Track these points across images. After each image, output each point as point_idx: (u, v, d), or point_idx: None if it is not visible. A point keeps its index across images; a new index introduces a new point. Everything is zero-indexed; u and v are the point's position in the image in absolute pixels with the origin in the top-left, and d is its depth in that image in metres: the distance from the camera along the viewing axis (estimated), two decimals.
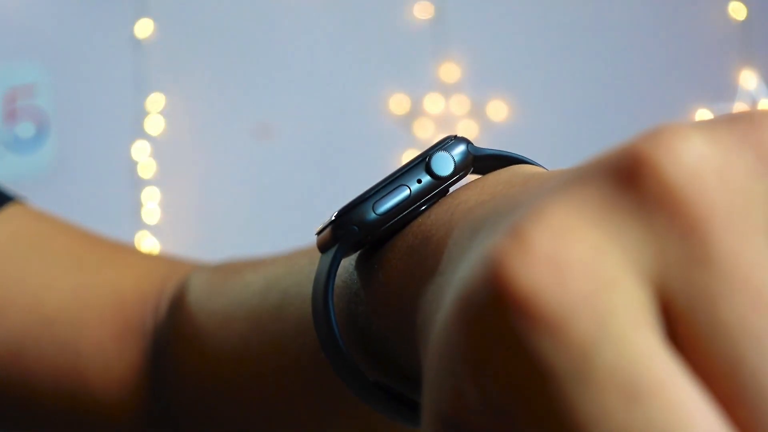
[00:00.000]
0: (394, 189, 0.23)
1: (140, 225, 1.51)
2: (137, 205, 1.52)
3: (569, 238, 0.14)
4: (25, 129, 1.51)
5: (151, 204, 1.52)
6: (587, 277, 0.14)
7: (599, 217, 0.14)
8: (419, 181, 0.23)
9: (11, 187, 0.43)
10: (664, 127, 0.15)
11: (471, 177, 0.24)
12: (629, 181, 0.14)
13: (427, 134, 1.58)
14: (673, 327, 0.14)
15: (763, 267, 0.13)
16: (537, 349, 0.14)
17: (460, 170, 0.24)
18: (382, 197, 0.23)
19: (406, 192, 0.23)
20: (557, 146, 1.58)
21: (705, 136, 0.14)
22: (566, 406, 0.13)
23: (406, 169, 0.24)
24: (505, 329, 0.14)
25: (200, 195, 1.54)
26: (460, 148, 0.24)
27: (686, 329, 0.14)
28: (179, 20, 1.56)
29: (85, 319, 0.37)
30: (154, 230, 1.52)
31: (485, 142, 1.46)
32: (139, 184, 1.53)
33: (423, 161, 0.24)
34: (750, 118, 0.15)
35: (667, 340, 0.14)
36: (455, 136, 0.24)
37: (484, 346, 0.15)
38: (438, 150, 0.24)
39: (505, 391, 0.14)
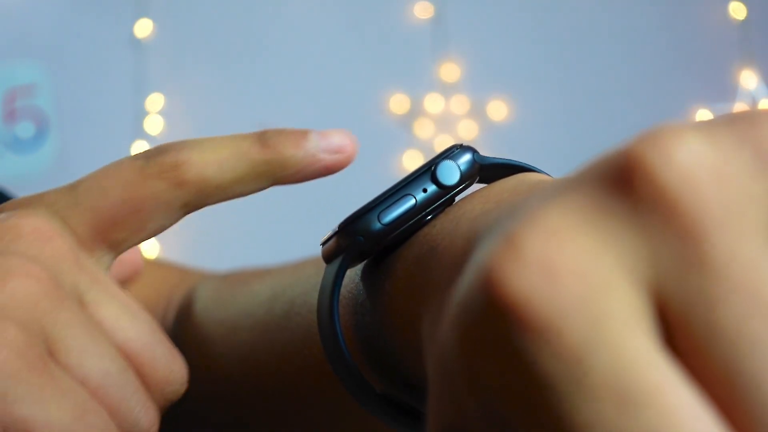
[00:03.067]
0: (400, 198, 0.23)
1: None
2: None
3: (562, 243, 0.14)
4: (25, 129, 1.51)
5: None
6: (580, 282, 0.14)
7: (592, 221, 0.14)
8: (425, 191, 0.23)
9: (11, 188, 0.42)
10: (659, 129, 0.14)
11: (476, 186, 0.24)
12: (623, 184, 0.14)
13: (427, 134, 1.58)
14: (670, 331, 0.14)
15: (761, 268, 0.13)
16: (530, 354, 0.13)
17: (466, 179, 0.24)
18: (387, 207, 0.23)
19: (412, 201, 0.23)
20: (557, 146, 1.57)
21: (701, 137, 0.14)
22: (561, 412, 0.13)
23: (411, 178, 0.24)
24: (498, 335, 0.14)
25: None
26: (466, 157, 0.24)
27: (683, 333, 0.13)
28: (179, 20, 1.56)
29: None
30: None
31: (485, 142, 1.46)
32: None
33: (429, 170, 0.23)
34: (749, 117, 0.14)
35: (664, 345, 0.14)
36: (461, 145, 0.24)
37: (479, 354, 0.14)
38: (444, 159, 0.24)
39: (501, 398, 0.14)
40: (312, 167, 0.27)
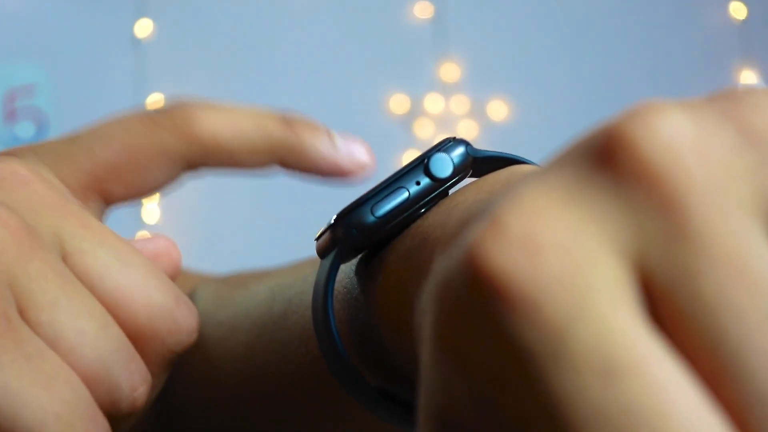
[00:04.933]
0: (393, 191, 0.23)
1: (140, 225, 1.51)
2: (137, 205, 1.52)
3: (544, 218, 0.14)
4: (25, 129, 1.51)
5: (151, 204, 1.52)
6: (562, 256, 0.13)
7: (575, 196, 0.14)
8: (418, 183, 0.23)
9: None
10: (642, 105, 0.14)
11: (470, 179, 0.24)
12: (605, 158, 0.14)
13: (427, 134, 1.58)
14: (654, 304, 0.13)
15: (744, 241, 0.13)
16: (512, 330, 0.13)
17: (459, 172, 0.24)
18: (380, 200, 0.23)
19: (405, 194, 0.23)
20: (557, 146, 1.57)
21: (684, 112, 0.14)
22: (543, 387, 0.13)
23: (404, 171, 0.23)
24: (481, 312, 0.14)
25: (200, 194, 1.54)
26: (459, 150, 0.24)
27: (667, 306, 0.13)
28: (179, 20, 1.56)
29: None
30: (154, 230, 1.52)
31: (485, 142, 1.46)
32: None
33: (422, 163, 0.23)
34: (731, 95, 0.14)
35: (649, 318, 0.13)
36: (454, 138, 0.24)
37: (463, 332, 0.14)
38: (437, 152, 0.24)
39: (486, 377, 0.14)
40: (327, 165, 0.26)
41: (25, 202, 0.23)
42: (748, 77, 1.64)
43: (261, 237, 1.49)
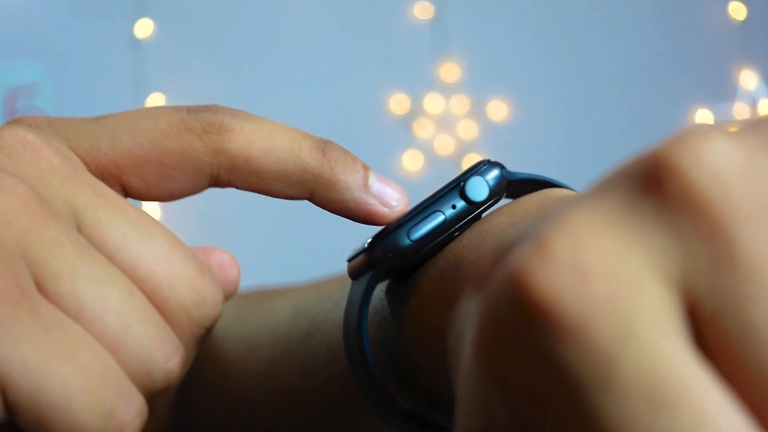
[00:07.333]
0: (429, 215, 0.23)
1: None
2: (137, 205, 1.51)
3: (591, 243, 0.14)
4: None
5: (151, 204, 1.52)
6: (609, 281, 0.14)
7: (621, 221, 0.14)
8: (454, 207, 0.23)
9: None
10: (688, 131, 0.14)
11: (503, 201, 0.24)
12: (652, 184, 0.14)
13: (427, 134, 1.58)
14: (700, 331, 0.13)
15: None
16: (559, 354, 0.13)
17: (495, 195, 0.24)
18: (416, 223, 0.23)
19: (441, 218, 0.23)
20: (557, 146, 1.58)
21: (729, 139, 0.14)
22: (590, 413, 0.13)
23: (440, 194, 0.23)
24: (528, 336, 0.14)
25: (200, 194, 1.54)
26: (494, 173, 0.24)
27: (714, 333, 0.13)
28: (179, 20, 1.56)
29: None
30: None
31: (485, 142, 1.45)
32: None
33: (457, 186, 0.23)
34: None
35: (695, 345, 0.13)
36: (488, 161, 0.24)
37: (509, 355, 0.14)
38: (472, 175, 0.24)
39: (531, 401, 0.14)
40: (355, 204, 0.24)
41: (34, 171, 0.21)
42: (748, 77, 1.64)
43: (264, 237, 1.49)
